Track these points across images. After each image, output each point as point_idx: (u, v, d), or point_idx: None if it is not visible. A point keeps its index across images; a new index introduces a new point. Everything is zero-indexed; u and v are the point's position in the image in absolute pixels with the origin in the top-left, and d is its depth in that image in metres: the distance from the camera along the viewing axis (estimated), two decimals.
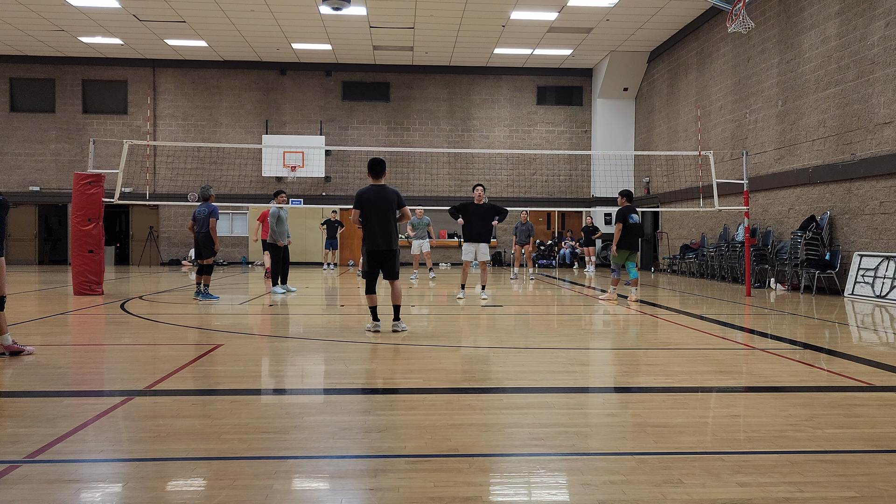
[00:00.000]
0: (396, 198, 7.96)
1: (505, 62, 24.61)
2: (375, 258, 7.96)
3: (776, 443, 3.87)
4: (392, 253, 7.95)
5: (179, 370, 5.76)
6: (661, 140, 22.56)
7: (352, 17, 19.67)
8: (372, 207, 7.84)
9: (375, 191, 7.90)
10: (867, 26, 12.81)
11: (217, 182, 24.22)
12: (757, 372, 5.93)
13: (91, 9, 19.12)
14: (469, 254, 12.20)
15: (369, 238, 7.90)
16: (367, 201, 7.85)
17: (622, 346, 7.78)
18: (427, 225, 17.18)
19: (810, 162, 14.43)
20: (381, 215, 7.84)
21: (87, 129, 24.53)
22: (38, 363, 6.05)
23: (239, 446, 3.72)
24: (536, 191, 25.62)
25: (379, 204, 7.85)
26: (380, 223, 7.84)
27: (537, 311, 11.23)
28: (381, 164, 7.96)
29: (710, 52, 19.18)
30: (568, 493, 3.16)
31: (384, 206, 7.87)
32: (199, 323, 9.13)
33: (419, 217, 17.18)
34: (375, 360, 6.34)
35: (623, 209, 11.88)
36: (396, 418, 4.33)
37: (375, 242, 7.87)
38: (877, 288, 12.19)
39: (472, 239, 12.10)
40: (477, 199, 11.98)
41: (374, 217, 7.83)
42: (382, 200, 7.87)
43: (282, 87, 25.25)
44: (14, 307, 10.85)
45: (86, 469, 3.43)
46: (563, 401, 4.91)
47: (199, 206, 11.71)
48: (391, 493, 3.09)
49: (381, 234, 7.86)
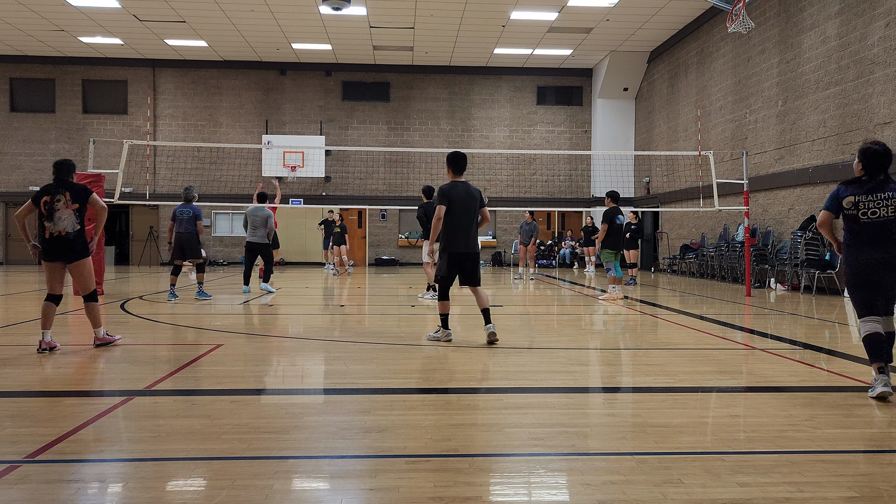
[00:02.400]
0: (480, 196, 7.34)
1: (505, 62, 24.61)
2: (455, 261, 7.21)
3: (776, 443, 3.87)
4: (475, 256, 7.31)
5: (179, 370, 5.76)
6: (661, 140, 22.56)
7: (352, 17, 19.67)
8: (458, 205, 7.14)
9: (462, 187, 7.21)
10: (867, 26, 12.81)
11: (217, 182, 24.22)
12: (757, 372, 5.93)
13: (91, 9, 19.12)
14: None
15: (451, 239, 7.17)
16: (454, 198, 7.13)
17: (622, 346, 7.78)
18: None
19: (810, 162, 14.43)
20: (467, 214, 7.18)
21: (87, 129, 24.52)
22: (38, 363, 6.05)
23: (239, 446, 3.72)
24: (536, 191, 25.62)
25: (466, 202, 7.18)
26: (464, 223, 7.16)
27: (537, 312, 11.23)
28: (464, 159, 7.36)
29: (710, 52, 19.18)
30: (568, 493, 3.16)
31: (471, 204, 7.22)
32: (199, 323, 9.13)
33: None
34: (375, 360, 6.34)
35: (610, 210, 12.16)
36: (396, 418, 4.33)
37: (457, 244, 7.17)
38: None
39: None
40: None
41: (459, 215, 7.14)
42: (469, 198, 7.21)
43: (282, 87, 25.24)
44: (14, 307, 10.86)
45: (86, 469, 3.43)
46: (563, 401, 4.91)
47: (182, 207, 11.78)
48: (391, 493, 3.09)
49: (465, 235, 7.18)
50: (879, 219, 4.83)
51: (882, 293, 4.93)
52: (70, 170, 6.69)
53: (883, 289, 4.92)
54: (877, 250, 4.87)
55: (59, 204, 6.44)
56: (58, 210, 6.43)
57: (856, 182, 4.98)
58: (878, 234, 4.86)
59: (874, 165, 4.91)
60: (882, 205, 4.83)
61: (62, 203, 6.45)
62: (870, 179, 4.92)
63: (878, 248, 4.86)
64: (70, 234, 6.47)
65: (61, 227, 6.43)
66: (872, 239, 4.88)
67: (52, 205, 6.44)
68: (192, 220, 11.65)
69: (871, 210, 4.86)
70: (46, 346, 6.47)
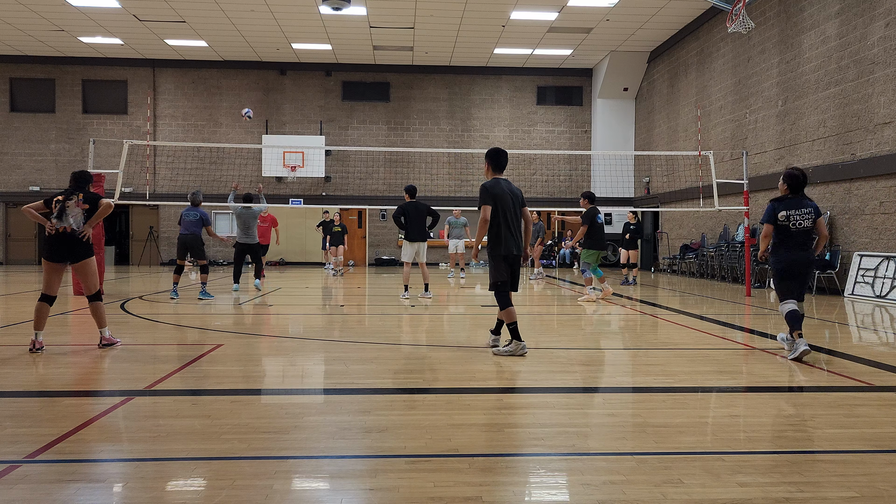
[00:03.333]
0: (522, 196, 6.80)
1: (505, 62, 24.61)
2: (508, 264, 6.66)
3: (776, 443, 3.87)
4: (520, 259, 6.76)
5: (179, 370, 5.76)
6: (661, 140, 22.56)
7: (352, 17, 19.67)
8: (505, 204, 6.58)
9: (506, 186, 6.64)
10: (867, 26, 12.81)
11: (217, 182, 24.20)
12: (757, 372, 5.93)
13: (91, 9, 19.12)
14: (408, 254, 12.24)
15: (500, 241, 6.60)
16: (499, 197, 6.56)
17: (622, 346, 7.78)
18: (464, 225, 17.85)
19: (810, 162, 14.43)
20: (513, 214, 6.64)
21: (87, 129, 24.52)
22: (38, 363, 6.05)
23: (239, 446, 3.72)
24: (536, 191, 25.62)
25: (511, 201, 6.64)
26: (512, 223, 6.62)
27: (537, 312, 11.23)
28: (505, 155, 6.78)
29: (710, 52, 19.17)
30: (568, 493, 3.16)
31: (516, 203, 6.69)
32: (199, 323, 9.13)
33: (456, 217, 17.92)
34: (375, 361, 6.33)
35: (589, 211, 12.15)
36: (396, 418, 4.33)
37: (509, 246, 6.61)
38: (877, 288, 12.19)
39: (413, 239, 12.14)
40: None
41: (507, 216, 6.58)
42: (514, 197, 6.67)
43: (282, 87, 25.24)
44: (14, 307, 10.86)
45: (86, 469, 3.43)
46: (563, 401, 4.91)
47: (190, 210, 11.92)
48: (391, 493, 3.09)
49: (514, 236, 6.64)
50: (803, 228, 6.49)
51: (802, 283, 6.61)
52: (87, 181, 6.79)
53: (803, 279, 6.60)
54: (801, 251, 6.52)
55: (70, 203, 6.51)
56: (68, 208, 6.49)
57: (783, 199, 6.60)
58: (803, 239, 6.52)
59: (795, 186, 6.58)
60: (805, 217, 6.48)
61: (73, 202, 6.51)
62: (793, 197, 6.57)
63: (802, 249, 6.53)
64: (76, 232, 6.50)
65: (67, 224, 6.48)
66: (798, 243, 6.51)
67: (63, 203, 6.51)
68: (197, 222, 11.83)
69: (798, 222, 6.50)
70: (40, 346, 6.50)
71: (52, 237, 6.50)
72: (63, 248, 6.53)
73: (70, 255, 6.56)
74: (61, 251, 6.54)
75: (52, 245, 6.52)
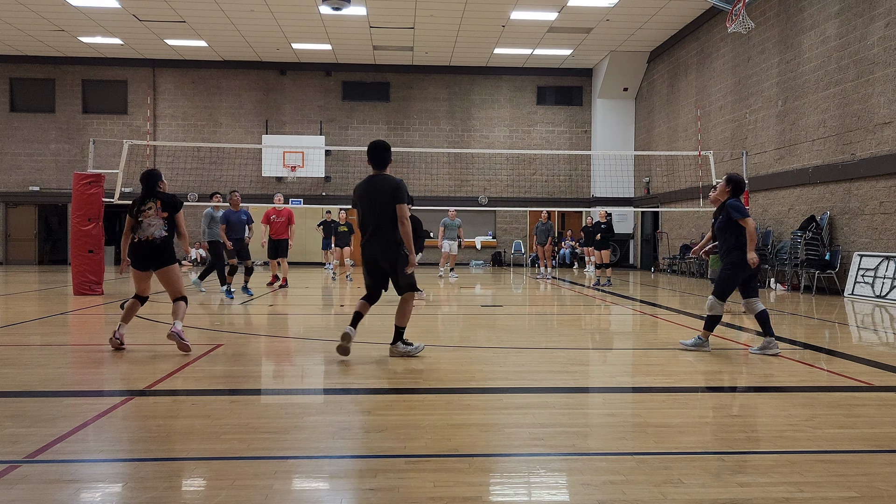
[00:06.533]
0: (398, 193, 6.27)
1: (505, 62, 24.61)
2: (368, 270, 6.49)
3: (776, 443, 3.87)
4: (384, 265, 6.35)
5: (179, 370, 5.76)
6: (661, 140, 22.56)
7: (352, 17, 19.66)
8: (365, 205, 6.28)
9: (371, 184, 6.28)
10: (867, 26, 12.80)
11: (217, 182, 24.20)
12: (757, 372, 5.93)
13: (91, 9, 19.12)
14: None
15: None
16: (359, 197, 6.31)
17: (622, 346, 7.78)
18: (458, 227, 17.87)
19: (810, 162, 14.43)
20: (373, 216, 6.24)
21: (87, 129, 24.52)
22: (38, 363, 6.05)
23: (239, 446, 3.72)
24: (536, 191, 25.62)
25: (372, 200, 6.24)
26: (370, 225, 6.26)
27: (537, 311, 11.23)
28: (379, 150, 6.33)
29: (710, 53, 19.17)
30: (568, 493, 3.16)
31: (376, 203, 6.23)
32: (199, 323, 9.13)
33: (451, 218, 17.91)
34: (375, 361, 6.33)
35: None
36: (396, 418, 4.33)
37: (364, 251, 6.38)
38: (877, 288, 12.19)
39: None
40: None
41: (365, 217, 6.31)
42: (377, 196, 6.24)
43: (282, 87, 25.24)
44: (14, 307, 10.86)
45: (86, 469, 3.43)
46: (563, 401, 4.91)
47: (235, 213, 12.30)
48: (391, 493, 3.09)
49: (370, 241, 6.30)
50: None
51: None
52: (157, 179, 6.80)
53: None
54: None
55: (149, 211, 6.58)
56: (147, 217, 6.56)
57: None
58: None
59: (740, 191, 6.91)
60: None
61: (152, 211, 6.59)
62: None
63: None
64: (157, 240, 6.56)
65: (149, 233, 6.55)
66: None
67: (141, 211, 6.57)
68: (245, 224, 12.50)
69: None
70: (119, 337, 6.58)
71: (136, 244, 6.60)
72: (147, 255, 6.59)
73: (154, 262, 6.63)
74: (146, 259, 6.61)
75: (136, 253, 6.62)
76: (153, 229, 6.57)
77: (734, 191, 6.86)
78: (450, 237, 17.72)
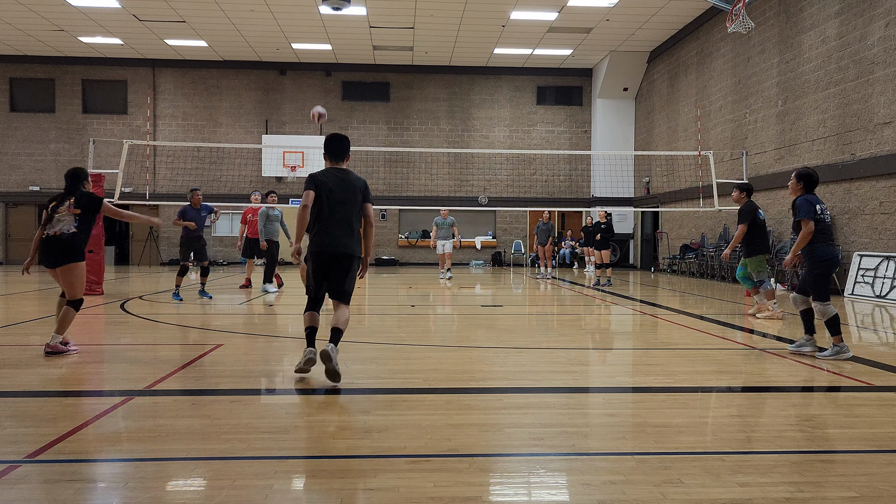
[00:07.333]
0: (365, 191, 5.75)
1: (505, 62, 24.61)
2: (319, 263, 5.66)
3: (776, 443, 3.87)
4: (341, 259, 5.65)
5: (179, 370, 5.76)
6: (661, 140, 22.56)
7: (352, 17, 19.67)
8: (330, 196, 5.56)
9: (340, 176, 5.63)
10: (867, 26, 12.80)
11: (217, 182, 24.21)
12: (757, 372, 5.93)
13: (91, 9, 19.12)
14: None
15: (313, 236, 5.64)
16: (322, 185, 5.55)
17: (622, 346, 7.78)
18: (451, 225, 17.49)
19: (810, 162, 14.43)
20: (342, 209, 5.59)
21: (87, 129, 24.52)
22: (38, 363, 6.05)
23: (239, 446, 3.72)
24: (536, 191, 25.62)
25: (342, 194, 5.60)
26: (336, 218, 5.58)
27: (537, 311, 11.23)
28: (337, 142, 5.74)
29: (710, 52, 19.17)
30: (568, 493, 3.16)
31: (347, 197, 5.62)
32: (199, 323, 9.13)
33: (443, 217, 17.54)
34: (375, 361, 6.34)
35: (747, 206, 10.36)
36: (396, 418, 4.33)
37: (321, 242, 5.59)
38: (877, 288, 12.19)
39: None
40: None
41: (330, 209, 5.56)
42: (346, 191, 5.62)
43: (282, 87, 25.24)
44: (14, 307, 10.86)
45: (86, 469, 3.43)
46: (563, 401, 4.91)
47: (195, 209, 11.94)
48: (391, 493, 3.09)
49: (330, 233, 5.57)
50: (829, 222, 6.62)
51: None
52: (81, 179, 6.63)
53: None
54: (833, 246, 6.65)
55: (61, 208, 6.46)
56: (59, 213, 6.44)
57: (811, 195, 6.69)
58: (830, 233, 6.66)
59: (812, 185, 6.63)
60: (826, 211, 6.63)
61: (65, 207, 6.45)
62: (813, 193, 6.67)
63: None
64: (64, 236, 6.38)
65: (57, 229, 6.40)
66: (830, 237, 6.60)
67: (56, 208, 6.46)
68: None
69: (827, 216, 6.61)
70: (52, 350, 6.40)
71: (43, 240, 6.42)
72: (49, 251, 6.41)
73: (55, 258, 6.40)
74: (48, 255, 6.42)
75: (42, 249, 6.44)
76: (62, 225, 6.39)
77: (806, 186, 6.59)
78: (442, 236, 17.43)
